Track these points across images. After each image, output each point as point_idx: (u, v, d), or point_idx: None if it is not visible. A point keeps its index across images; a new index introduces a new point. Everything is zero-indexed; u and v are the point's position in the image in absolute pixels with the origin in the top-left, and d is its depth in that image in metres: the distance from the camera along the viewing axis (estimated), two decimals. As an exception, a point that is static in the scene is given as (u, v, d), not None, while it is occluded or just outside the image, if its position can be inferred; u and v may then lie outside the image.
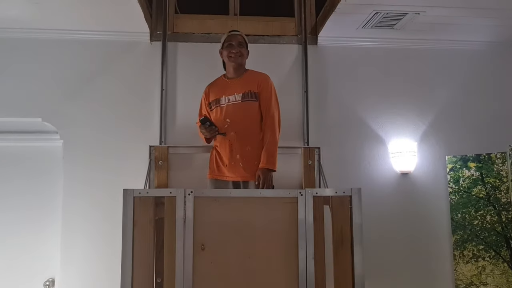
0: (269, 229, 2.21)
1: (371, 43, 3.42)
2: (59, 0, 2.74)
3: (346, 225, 2.25)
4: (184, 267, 2.12)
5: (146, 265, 2.13)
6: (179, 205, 2.16)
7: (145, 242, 2.14)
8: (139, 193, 2.16)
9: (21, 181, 3.19)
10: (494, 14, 2.97)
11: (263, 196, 2.26)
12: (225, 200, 2.22)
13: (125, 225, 2.13)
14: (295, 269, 2.18)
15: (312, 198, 2.24)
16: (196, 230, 2.15)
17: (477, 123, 3.44)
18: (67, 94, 3.17)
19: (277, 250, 2.20)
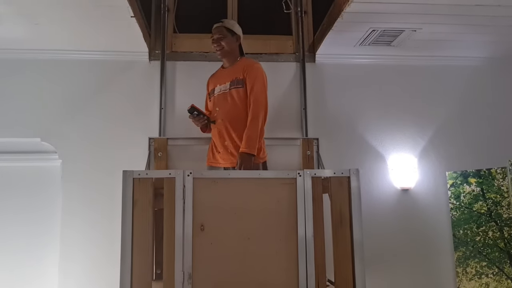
0: (268, 209, 2.21)
1: (369, 60, 3.44)
2: (58, 21, 2.77)
3: (344, 206, 2.26)
4: (184, 247, 2.12)
5: (145, 245, 2.12)
6: (179, 186, 2.15)
7: (145, 222, 2.13)
8: (138, 174, 2.16)
9: (19, 201, 3.18)
10: (489, 30, 3.00)
11: (261, 177, 2.26)
12: (224, 181, 2.22)
13: (125, 205, 2.12)
14: (295, 249, 2.18)
15: (310, 178, 2.24)
16: (196, 211, 2.15)
17: (476, 138, 3.44)
18: (66, 114, 3.18)
19: (276, 231, 2.20)
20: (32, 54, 3.19)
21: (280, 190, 2.23)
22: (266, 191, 2.23)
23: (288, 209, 2.21)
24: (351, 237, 2.23)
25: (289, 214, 2.21)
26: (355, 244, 2.22)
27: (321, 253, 2.20)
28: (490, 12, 2.70)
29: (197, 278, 2.10)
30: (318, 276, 2.17)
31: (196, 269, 2.11)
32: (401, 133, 3.39)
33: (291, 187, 2.23)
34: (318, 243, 2.20)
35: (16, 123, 3.13)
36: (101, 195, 3.07)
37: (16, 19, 2.72)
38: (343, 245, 2.23)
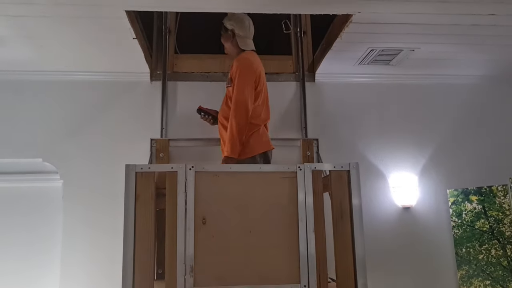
0: (269, 203, 2.23)
1: (368, 79, 3.47)
2: (62, 43, 2.81)
3: (345, 199, 2.28)
4: (185, 240, 2.13)
5: (147, 237, 2.13)
6: (180, 180, 2.17)
7: (147, 214, 2.15)
8: (141, 168, 2.18)
9: (21, 221, 3.17)
10: (485, 49, 3.04)
11: (262, 171, 2.29)
12: (225, 175, 2.25)
13: (127, 199, 2.14)
14: (296, 242, 2.19)
15: (311, 172, 2.26)
16: (197, 205, 2.17)
17: (476, 155, 3.45)
18: (68, 135, 3.20)
19: (277, 224, 2.22)
20: (35, 76, 3.23)
21: (280, 183, 2.25)
22: (267, 184, 2.25)
23: (288, 202, 2.23)
24: (352, 230, 2.24)
25: (290, 207, 2.23)
26: (355, 237, 2.23)
27: (322, 246, 2.22)
28: (486, 32, 2.74)
29: (198, 271, 2.12)
30: (320, 268, 2.19)
31: (197, 261, 2.12)
32: (401, 151, 3.40)
33: (291, 181, 2.25)
34: (319, 236, 2.22)
35: (18, 144, 3.15)
36: (102, 216, 3.06)
37: (21, 42, 2.76)
38: (344, 239, 2.25)
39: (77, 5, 2.31)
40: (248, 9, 2.48)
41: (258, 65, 2.71)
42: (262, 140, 2.68)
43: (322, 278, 2.18)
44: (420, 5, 2.40)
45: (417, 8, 2.43)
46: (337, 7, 2.44)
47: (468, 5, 2.41)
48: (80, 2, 2.28)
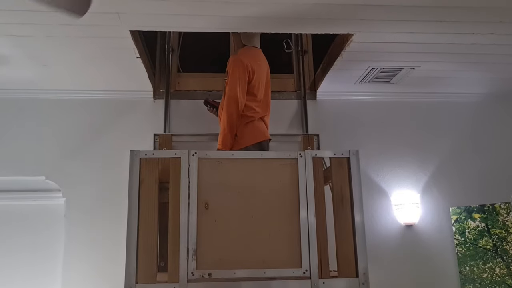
0: (271, 189, 2.27)
1: (369, 97, 3.50)
2: (66, 62, 2.85)
3: (345, 185, 2.32)
4: (188, 224, 2.15)
5: (151, 221, 2.17)
6: (184, 166, 2.21)
7: (151, 200, 2.19)
8: (145, 154, 2.23)
9: (23, 240, 3.15)
10: (486, 68, 3.07)
11: (264, 158, 2.33)
12: (228, 162, 2.29)
13: (131, 184, 2.18)
14: (297, 227, 2.22)
15: (311, 159, 2.30)
16: (200, 190, 2.20)
17: (478, 173, 3.45)
18: (71, 153, 3.21)
19: (278, 209, 2.25)
20: (39, 94, 3.26)
21: (282, 170, 2.29)
22: (269, 171, 2.29)
23: (290, 188, 2.27)
24: (352, 216, 2.28)
25: (291, 193, 2.26)
26: (356, 223, 2.26)
27: (322, 232, 2.25)
28: (486, 50, 2.77)
29: (201, 254, 2.14)
30: (321, 253, 2.21)
31: (200, 245, 2.15)
32: (403, 169, 3.41)
33: (292, 168, 2.29)
34: (320, 221, 2.25)
35: (21, 162, 3.16)
36: (104, 234, 3.05)
37: (24, 61, 2.80)
38: (345, 224, 2.27)
39: (81, 25, 2.35)
40: (250, 29, 2.52)
41: (253, 60, 2.74)
42: (256, 131, 2.72)
43: (323, 263, 2.21)
44: (419, 24, 2.43)
45: (416, 27, 2.47)
46: (338, 26, 2.47)
47: (467, 24, 2.44)
48: (84, 22, 2.31)
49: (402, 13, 2.31)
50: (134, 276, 2.09)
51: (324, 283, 2.18)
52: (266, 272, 2.16)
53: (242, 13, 2.28)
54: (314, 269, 2.17)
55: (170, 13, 2.28)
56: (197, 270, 2.12)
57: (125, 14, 2.25)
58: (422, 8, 2.26)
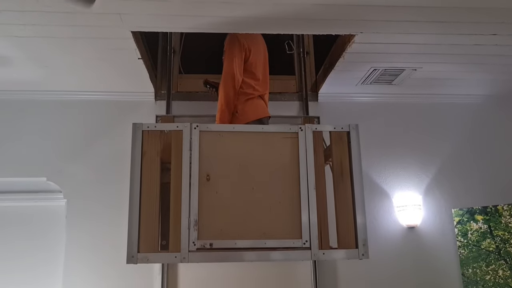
0: (271, 162, 2.31)
1: (371, 99, 3.49)
2: (67, 64, 2.85)
3: (345, 158, 2.36)
4: (190, 195, 2.20)
5: (153, 192, 2.21)
6: (185, 138, 2.26)
7: (153, 171, 2.23)
8: (147, 127, 2.28)
9: (24, 241, 3.15)
10: (488, 69, 3.07)
11: (265, 131, 2.37)
12: (229, 135, 2.33)
13: (134, 156, 2.23)
14: (297, 199, 2.26)
15: (312, 133, 2.35)
16: (201, 162, 2.25)
17: (480, 175, 3.43)
18: (72, 154, 3.21)
19: (279, 181, 2.28)
20: (39, 95, 3.26)
21: (282, 143, 2.34)
22: (270, 144, 2.34)
23: (290, 161, 2.31)
24: (352, 189, 2.32)
25: (291, 166, 2.30)
26: (355, 195, 2.30)
27: (322, 203, 2.28)
28: (488, 51, 2.77)
29: (202, 225, 2.18)
30: (320, 225, 2.25)
31: (201, 216, 2.19)
32: (405, 171, 3.40)
33: (293, 141, 2.34)
34: (320, 193, 2.29)
35: (22, 163, 3.16)
36: (106, 236, 3.05)
37: (26, 62, 2.80)
38: (344, 197, 2.32)
39: (83, 26, 2.36)
40: (252, 29, 2.52)
41: (249, 39, 2.77)
42: (256, 108, 2.74)
43: (323, 234, 2.25)
44: (421, 25, 2.43)
45: (419, 28, 2.46)
46: (339, 27, 2.47)
47: (469, 25, 2.44)
48: (86, 23, 2.32)
49: (404, 14, 2.31)
50: (136, 246, 2.13)
51: (324, 253, 2.23)
52: (267, 243, 2.20)
53: (244, 13, 2.28)
54: (314, 240, 2.21)
55: (171, 14, 2.28)
56: (198, 240, 2.16)
57: (126, 14, 2.25)
58: (424, 8, 2.25)
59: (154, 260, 2.17)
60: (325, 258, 2.26)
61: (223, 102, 2.64)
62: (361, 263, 3.12)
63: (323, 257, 2.23)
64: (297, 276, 3.09)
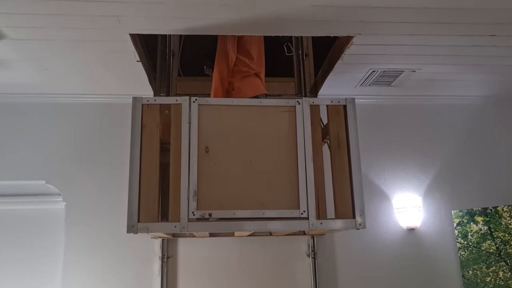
0: (270, 134, 2.34)
1: (370, 100, 3.49)
2: (66, 66, 2.85)
3: (341, 131, 2.40)
4: (189, 166, 2.22)
5: (153, 163, 2.24)
6: (185, 111, 2.30)
7: (153, 142, 2.27)
8: (147, 100, 2.32)
9: (23, 244, 3.15)
10: (487, 70, 3.06)
11: (263, 105, 2.39)
12: (227, 108, 2.36)
13: (134, 129, 2.26)
14: (295, 171, 2.29)
15: (309, 106, 2.38)
16: (201, 134, 2.28)
17: (480, 176, 3.43)
18: (71, 157, 3.21)
19: (277, 154, 2.32)
20: (39, 98, 3.27)
21: (280, 116, 2.37)
22: (267, 117, 2.37)
23: (288, 134, 2.35)
24: (349, 160, 2.35)
25: (289, 138, 2.34)
26: (352, 167, 2.33)
27: (320, 174, 2.32)
28: (487, 52, 2.76)
29: (201, 195, 2.20)
30: (318, 195, 2.28)
31: (201, 187, 2.21)
32: (404, 172, 3.39)
33: (290, 115, 2.37)
34: (317, 164, 2.32)
35: (21, 166, 3.16)
36: (105, 239, 3.05)
37: (25, 65, 2.80)
38: (341, 168, 2.35)
39: (81, 29, 2.36)
40: (251, 32, 2.52)
41: None
42: (253, 85, 2.75)
43: (320, 204, 2.28)
44: (420, 26, 2.43)
45: (417, 29, 2.46)
46: (338, 29, 2.47)
47: (468, 26, 2.43)
48: (84, 25, 2.32)
49: (402, 15, 2.31)
50: (136, 215, 2.15)
51: (321, 223, 2.25)
52: (265, 213, 2.22)
53: (242, 15, 2.28)
54: (311, 210, 2.24)
55: (168, 16, 2.28)
56: (197, 210, 2.17)
57: (124, 17, 2.25)
58: (422, 9, 2.25)
59: (154, 229, 2.18)
60: (323, 228, 2.26)
61: (217, 79, 2.66)
62: (361, 264, 3.12)
63: (321, 227, 2.25)
64: (297, 276, 3.09)
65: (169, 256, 3.05)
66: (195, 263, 3.06)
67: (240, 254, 3.10)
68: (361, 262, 3.17)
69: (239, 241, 3.11)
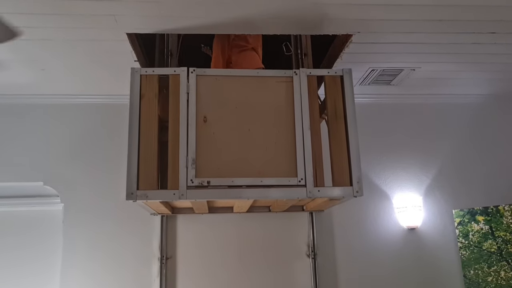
0: (267, 104, 2.38)
1: (370, 99, 3.47)
2: (64, 66, 2.83)
3: (338, 100, 2.44)
4: (188, 135, 2.26)
5: (151, 132, 2.28)
6: (183, 81, 2.33)
7: (151, 112, 2.31)
8: (145, 71, 2.36)
9: (21, 246, 3.13)
10: (487, 68, 3.05)
11: (260, 76, 2.43)
12: (225, 79, 2.39)
13: (133, 99, 2.30)
14: (292, 139, 2.33)
15: (306, 77, 2.43)
16: (199, 104, 2.32)
17: (481, 175, 3.41)
18: (69, 158, 3.19)
19: (274, 123, 2.36)
20: (36, 99, 3.25)
21: (277, 87, 2.41)
22: (265, 88, 2.41)
23: (285, 103, 2.38)
24: (346, 129, 2.39)
25: (287, 108, 2.38)
26: (349, 135, 2.37)
27: (317, 143, 2.35)
28: (486, 50, 2.75)
29: (200, 163, 2.24)
30: (315, 163, 2.32)
31: (199, 155, 2.25)
32: (404, 172, 3.37)
33: (288, 85, 2.41)
34: (315, 133, 2.36)
35: (19, 167, 3.14)
36: (103, 241, 3.03)
37: (22, 66, 2.78)
38: (339, 137, 2.39)
39: (78, 28, 2.34)
40: (249, 30, 2.50)
41: None
42: (250, 59, 2.77)
43: (318, 172, 2.32)
44: (419, 24, 2.41)
45: (416, 27, 2.44)
46: (337, 27, 2.45)
47: (467, 23, 2.42)
48: (81, 25, 2.31)
49: (401, 13, 2.29)
50: (135, 183, 2.18)
51: (319, 191, 2.28)
52: (263, 181, 2.26)
53: (239, 14, 2.27)
54: (309, 178, 2.28)
55: (165, 15, 2.26)
56: (196, 178, 2.21)
57: (121, 16, 2.24)
58: (421, 7, 2.24)
59: (153, 197, 2.20)
60: (320, 195, 2.28)
61: (218, 48, 2.69)
62: (362, 264, 3.10)
63: (318, 194, 2.27)
64: (297, 276, 3.06)
65: (168, 257, 3.03)
66: (195, 263, 3.04)
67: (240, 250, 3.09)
68: (361, 262, 3.14)
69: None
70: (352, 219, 3.22)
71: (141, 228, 3.05)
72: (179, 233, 3.07)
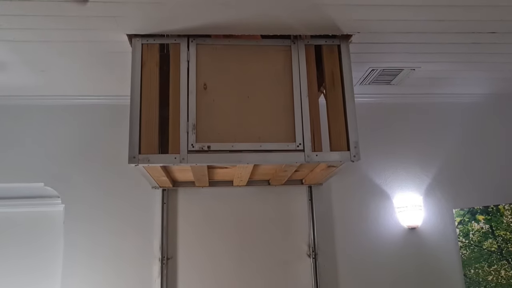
0: (266, 72, 2.46)
1: (370, 99, 3.47)
2: (64, 68, 2.83)
3: (336, 69, 2.52)
4: (188, 101, 2.35)
5: (152, 98, 2.35)
6: (183, 50, 2.42)
7: (152, 79, 2.38)
8: (146, 40, 2.43)
9: (22, 247, 3.13)
10: (488, 67, 3.04)
11: (259, 45, 2.51)
12: (225, 48, 2.48)
13: (134, 67, 2.38)
14: (291, 106, 2.43)
15: (304, 46, 2.51)
16: (199, 72, 2.41)
17: (481, 174, 3.41)
18: (70, 159, 3.19)
19: (273, 90, 2.45)
20: (36, 100, 3.25)
21: (276, 55, 2.50)
22: (264, 57, 2.49)
23: (283, 71, 2.48)
24: (343, 95, 2.47)
25: (285, 76, 2.47)
26: (346, 101, 2.45)
27: (315, 109, 2.44)
28: (487, 50, 2.75)
29: (200, 129, 2.34)
30: (313, 128, 2.41)
31: (199, 121, 2.35)
32: (405, 171, 3.37)
33: (286, 54, 2.50)
34: (312, 100, 2.45)
35: (19, 168, 3.14)
36: (104, 242, 3.03)
37: (22, 67, 2.78)
38: (336, 103, 2.46)
39: (78, 29, 2.34)
40: (249, 31, 2.50)
41: None
42: None
43: (316, 137, 2.42)
44: (419, 24, 2.41)
45: (416, 27, 2.44)
46: (336, 27, 2.45)
47: (467, 23, 2.42)
48: (81, 26, 2.31)
49: (401, 13, 2.29)
50: (137, 147, 2.27)
51: (317, 155, 2.37)
52: (262, 146, 2.36)
53: (240, 15, 2.27)
54: (307, 143, 2.38)
55: (165, 17, 2.26)
56: (196, 142, 2.30)
57: (121, 17, 2.24)
58: (421, 7, 2.24)
59: (154, 161, 2.26)
60: (318, 160, 2.35)
61: None
62: (362, 264, 3.10)
63: (316, 159, 2.35)
64: (298, 276, 3.07)
65: (169, 258, 3.03)
66: (195, 262, 3.05)
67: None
68: (361, 262, 3.15)
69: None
70: (353, 219, 3.23)
71: (142, 228, 3.05)
72: (179, 232, 3.07)
